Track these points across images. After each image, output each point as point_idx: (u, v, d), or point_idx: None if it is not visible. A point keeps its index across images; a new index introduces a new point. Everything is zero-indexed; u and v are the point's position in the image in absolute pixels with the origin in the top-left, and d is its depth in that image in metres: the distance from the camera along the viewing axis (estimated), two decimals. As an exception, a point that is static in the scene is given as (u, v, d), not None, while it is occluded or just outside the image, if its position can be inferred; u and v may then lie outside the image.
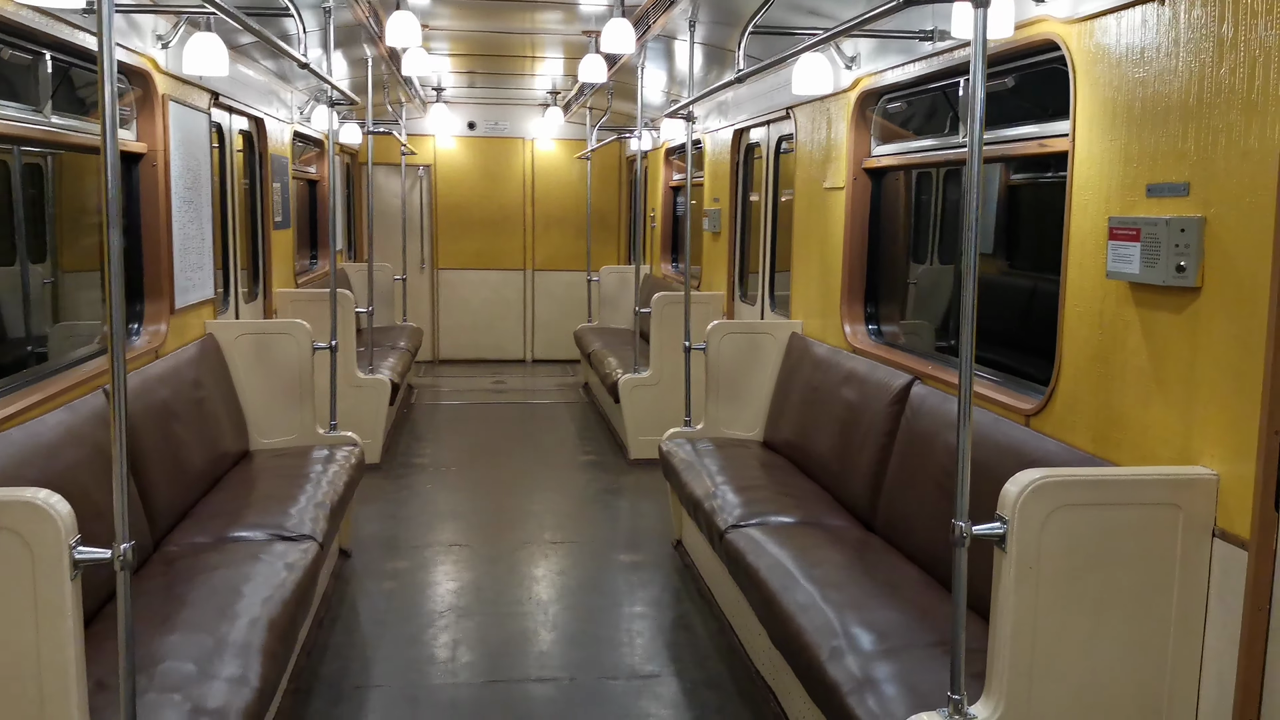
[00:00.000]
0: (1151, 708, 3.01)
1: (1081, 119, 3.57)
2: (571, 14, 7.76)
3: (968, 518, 2.91)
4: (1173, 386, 3.12)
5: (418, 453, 8.92)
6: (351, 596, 5.68)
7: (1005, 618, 2.91)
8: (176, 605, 3.72)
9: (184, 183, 5.81)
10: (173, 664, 3.25)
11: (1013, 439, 3.84)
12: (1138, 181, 3.25)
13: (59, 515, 2.61)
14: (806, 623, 3.71)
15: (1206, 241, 2.96)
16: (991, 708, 2.95)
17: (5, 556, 2.60)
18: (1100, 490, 2.94)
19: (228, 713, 3.04)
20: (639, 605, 5.67)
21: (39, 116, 4.41)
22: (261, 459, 5.87)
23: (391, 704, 4.51)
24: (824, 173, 6.19)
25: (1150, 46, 3.19)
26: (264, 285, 8.11)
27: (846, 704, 3.23)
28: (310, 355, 6.28)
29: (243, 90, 7.09)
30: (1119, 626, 2.98)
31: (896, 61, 5.14)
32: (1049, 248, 4.01)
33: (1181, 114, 3.05)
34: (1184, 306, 3.06)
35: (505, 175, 13.57)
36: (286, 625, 3.74)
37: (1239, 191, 2.83)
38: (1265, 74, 2.72)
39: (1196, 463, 3.02)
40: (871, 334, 5.90)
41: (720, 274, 8.93)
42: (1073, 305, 3.63)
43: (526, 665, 4.94)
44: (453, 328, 13.69)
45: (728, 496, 5.20)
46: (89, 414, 4.12)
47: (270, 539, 4.51)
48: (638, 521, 7.22)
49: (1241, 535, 2.85)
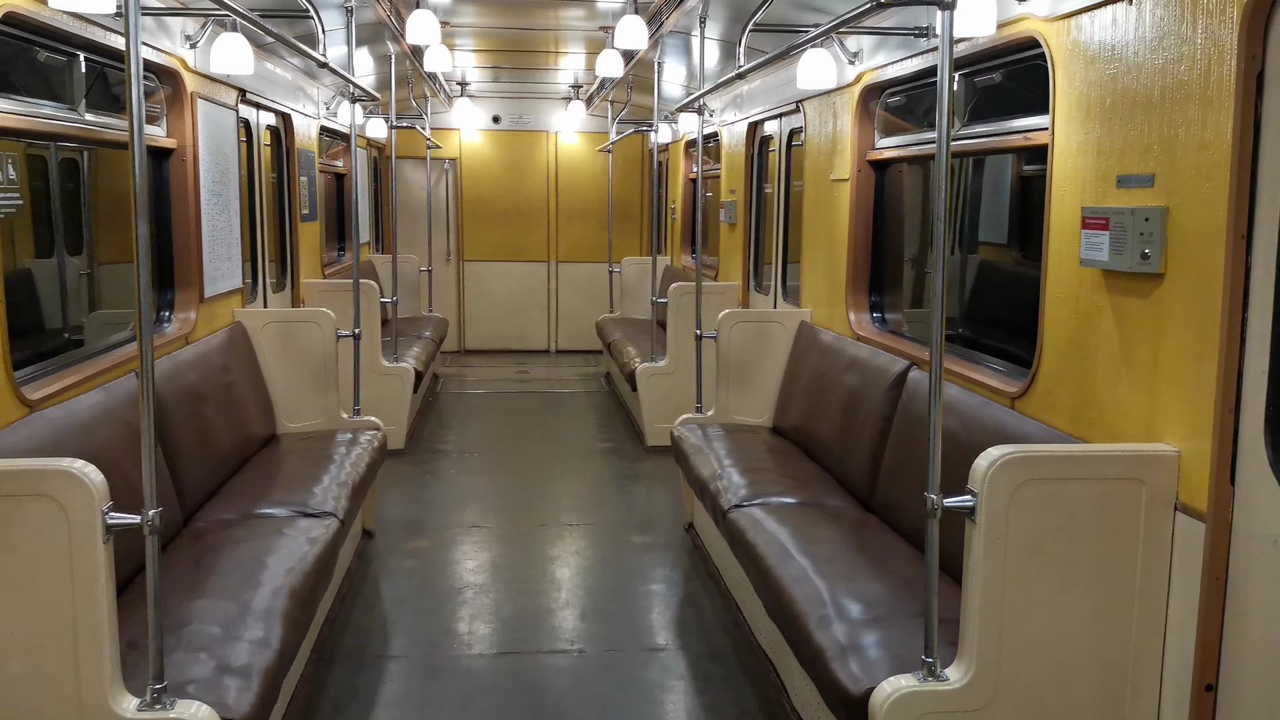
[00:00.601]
0: (1117, 672, 3.18)
1: (1060, 113, 3.72)
2: (590, 10, 7.95)
3: (939, 490, 3.09)
4: (1139, 368, 3.29)
5: (441, 439, 9.16)
6: (374, 574, 5.92)
7: (975, 586, 3.09)
8: (204, 574, 3.96)
9: (212, 176, 6.05)
10: (200, 627, 3.48)
11: (998, 420, 4.01)
12: (1109, 173, 3.41)
13: (92, 483, 2.84)
14: (798, 593, 3.90)
15: (1169, 230, 3.12)
16: (963, 670, 3.13)
17: (43, 522, 2.83)
18: (1066, 465, 3.11)
19: (251, 671, 3.26)
20: (650, 584, 5.87)
21: (74, 114, 4.65)
22: (287, 442, 6.12)
23: (409, 673, 4.74)
24: (830, 165, 6.35)
25: (1119, 44, 3.34)
26: (291, 276, 8.37)
27: (830, 668, 3.41)
28: (334, 343, 6.52)
29: (270, 87, 7.33)
30: (1086, 595, 3.14)
31: (896, 57, 5.30)
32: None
33: (1147, 108, 3.21)
34: (1149, 292, 3.22)
35: (529, 168, 13.80)
36: (307, 594, 3.97)
37: (1197, 182, 2.99)
38: (1219, 70, 2.88)
39: (1160, 440, 3.18)
40: (875, 322, 6.07)
41: (736, 264, 9.11)
42: (1052, 292, 3.80)
43: (540, 638, 5.15)
44: (478, 318, 13.95)
45: (733, 478, 5.39)
46: (122, 395, 4.37)
47: (294, 515, 4.75)
48: (652, 505, 7.42)
49: (1200, 509, 3.01)
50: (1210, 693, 3.02)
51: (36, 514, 2.83)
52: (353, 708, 4.41)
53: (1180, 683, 3.10)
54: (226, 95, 6.35)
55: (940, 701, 3.11)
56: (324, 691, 4.52)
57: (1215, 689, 3.01)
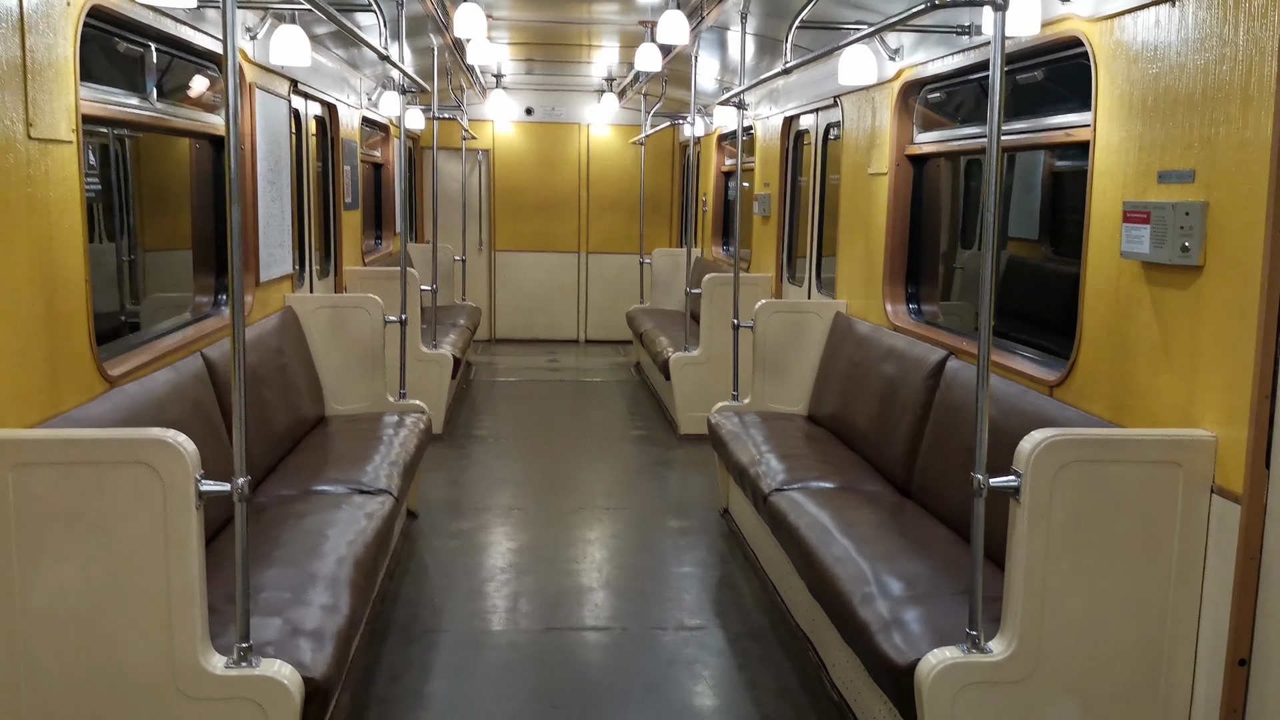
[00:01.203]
0: (1153, 647, 3.32)
1: (1102, 110, 3.85)
2: (628, 4, 8.10)
3: (985, 471, 3.24)
4: (1178, 357, 3.42)
5: (477, 425, 9.35)
6: (420, 553, 6.10)
7: (1018, 563, 3.24)
8: (270, 546, 4.14)
9: (267, 165, 6.23)
10: (272, 593, 3.66)
11: (1038, 408, 4.14)
12: (1150, 168, 3.54)
13: (187, 453, 3.02)
14: (841, 572, 4.05)
15: (1209, 224, 3.25)
16: (1006, 643, 3.28)
17: (141, 487, 3.01)
18: (1106, 449, 3.25)
19: (324, 634, 3.44)
20: (687, 566, 6.03)
21: (146, 103, 4.83)
22: (337, 424, 6.31)
23: (457, 646, 4.91)
24: (868, 159, 6.48)
25: (1162, 44, 3.47)
26: (335, 262, 8.56)
27: (875, 641, 3.56)
28: (382, 328, 6.70)
29: (318, 78, 7.52)
30: (1124, 573, 3.28)
31: (937, 54, 5.43)
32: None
33: (1188, 107, 3.34)
34: (1188, 284, 3.35)
35: (561, 160, 13.97)
36: (370, 564, 4.15)
37: (1237, 178, 3.12)
38: (1260, 70, 3.01)
39: (1198, 426, 3.32)
40: (912, 313, 6.20)
41: (769, 256, 9.25)
42: (1092, 283, 3.93)
43: (581, 615, 5.32)
44: (509, 308, 14.14)
45: (771, 463, 5.54)
46: (190, 374, 4.55)
47: (350, 492, 4.93)
48: (686, 491, 7.58)
49: (1236, 491, 3.15)
50: (1244, 667, 3.16)
51: (134, 480, 3.00)
52: (408, 677, 4.59)
53: (1215, 658, 3.23)
54: (280, 85, 6.53)
55: (984, 673, 3.26)
56: (380, 662, 4.71)
57: (1248, 664, 3.15)
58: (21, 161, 3.36)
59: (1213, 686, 3.24)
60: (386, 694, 4.45)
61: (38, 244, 3.49)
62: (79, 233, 3.77)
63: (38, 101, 3.44)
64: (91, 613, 3.08)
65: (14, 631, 3.06)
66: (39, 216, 3.49)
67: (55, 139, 3.58)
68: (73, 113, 3.71)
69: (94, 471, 3.02)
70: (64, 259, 3.66)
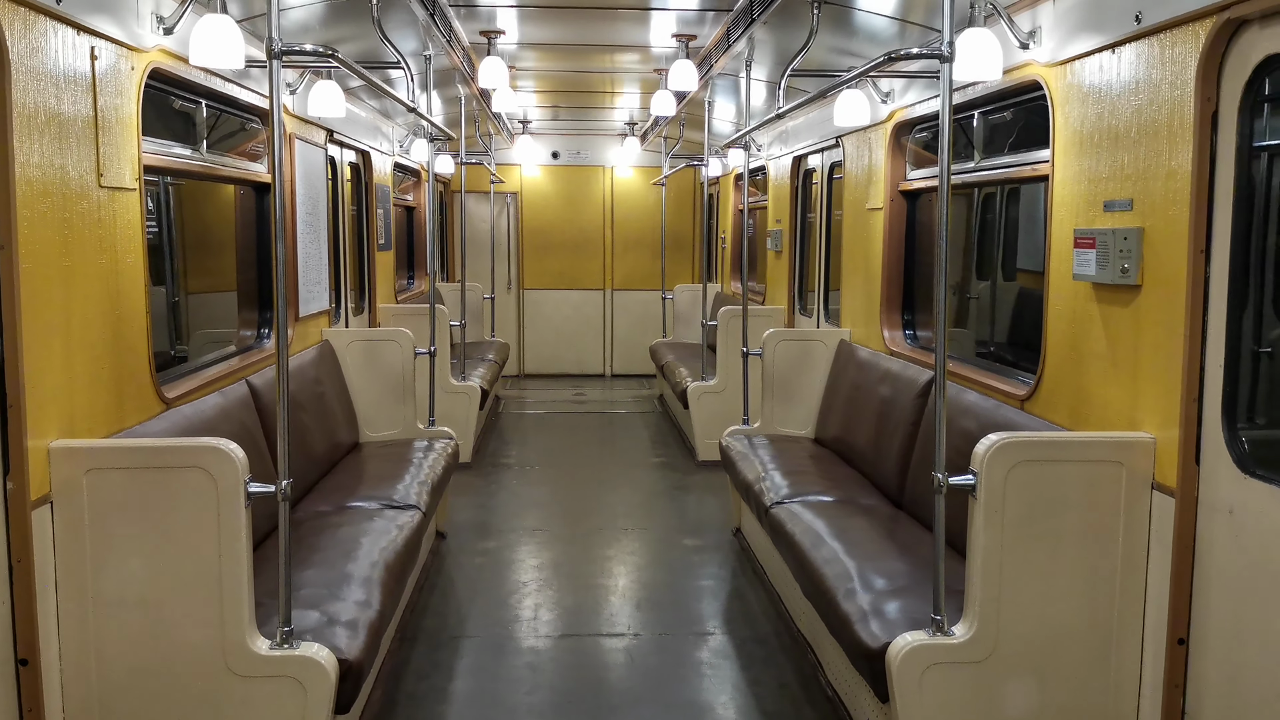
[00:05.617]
0: (1102, 628, 3.66)
1: (1059, 147, 4.25)
2: (645, 55, 8.57)
3: (945, 470, 3.61)
4: (1123, 367, 3.79)
5: (505, 454, 9.78)
6: (448, 569, 6.51)
7: (977, 553, 3.60)
8: (309, 551, 4.56)
9: (305, 209, 6.73)
10: (310, 590, 4.08)
11: (1009, 419, 4.50)
12: (1097, 199, 3.92)
13: (237, 458, 3.45)
14: (829, 571, 4.42)
15: (1145, 247, 3.62)
16: (967, 627, 3.63)
17: (197, 488, 3.45)
18: (1054, 449, 3.62)
19: (357, 624, 3.85)
20: (699, 580, 6.40)
21: (197, 153, 5.32)
22: (370, 448, 6.75)
23: (482, 650, 5.30)
24: (867, 195, 6.89)
25: (1105, 86, 3.87)
26: (369, 300, 9.05)
27: (854, 629, 3.92)
28: (413, 360, 7.15)
29: (352, 127, 8.04)
30: (1074, 562, 3.64)
31: (924, 96, 5.84)
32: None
33: (1127, 142, 3.73)
34: (1129, 301, 3.72)
35: (586, 201, 14.49)
36: (399, 568, 4.56)
37: (1166, 205, 3.50)
38: (1182, 110, 3.40)
39: (1140, 429, 3.67)
40: (908, 338, 6.58)
41: (782, 289, 9.65)
42: (1054, 304, 4.31)
43: (599, 623, 5.70)
44: (537, 343, 14.61)
45: (775, 479, 5.92)
46: (236, 398, 5.01)
47: (382, 507, 5.35)
48: (702, 513, 7.95)
49: (1171, 486, 3.50)
50: (1182, 645, 3.49)
51: (192, 482, 3.44)
52: (435, 677, 4.98)
53: (1157, 637, 3.57)
54: (317, 135, 7.04)
55: (948, 654, 3.62)
56: (408, 664, 5.10)
57: (1187, 643, 3.49)
58: (94, 207, 3.84)
59: (1158, 664, 3.57)
60: (415, 691, 4.84)
61: (106, 280, 3.95)
62: (140, 270, 4.24)
63: (107, 153, 3.92)
64: (154, 600, 3.51)
65: (86, 617, 3.50)
66: (108, 256, 3.96)
67: (121, 186, 4.06)
68: (136, 163, 4.19)
69: (156, 475, 3.46)
70: (128, 294, 4.13)
